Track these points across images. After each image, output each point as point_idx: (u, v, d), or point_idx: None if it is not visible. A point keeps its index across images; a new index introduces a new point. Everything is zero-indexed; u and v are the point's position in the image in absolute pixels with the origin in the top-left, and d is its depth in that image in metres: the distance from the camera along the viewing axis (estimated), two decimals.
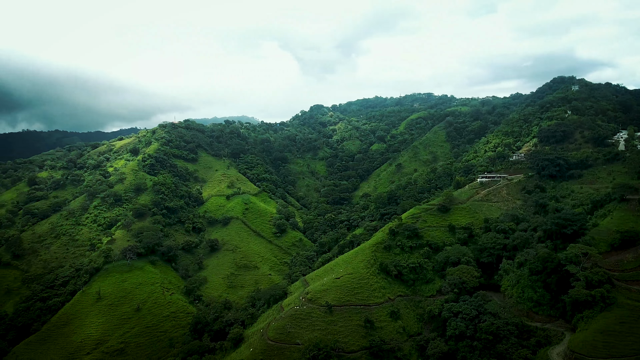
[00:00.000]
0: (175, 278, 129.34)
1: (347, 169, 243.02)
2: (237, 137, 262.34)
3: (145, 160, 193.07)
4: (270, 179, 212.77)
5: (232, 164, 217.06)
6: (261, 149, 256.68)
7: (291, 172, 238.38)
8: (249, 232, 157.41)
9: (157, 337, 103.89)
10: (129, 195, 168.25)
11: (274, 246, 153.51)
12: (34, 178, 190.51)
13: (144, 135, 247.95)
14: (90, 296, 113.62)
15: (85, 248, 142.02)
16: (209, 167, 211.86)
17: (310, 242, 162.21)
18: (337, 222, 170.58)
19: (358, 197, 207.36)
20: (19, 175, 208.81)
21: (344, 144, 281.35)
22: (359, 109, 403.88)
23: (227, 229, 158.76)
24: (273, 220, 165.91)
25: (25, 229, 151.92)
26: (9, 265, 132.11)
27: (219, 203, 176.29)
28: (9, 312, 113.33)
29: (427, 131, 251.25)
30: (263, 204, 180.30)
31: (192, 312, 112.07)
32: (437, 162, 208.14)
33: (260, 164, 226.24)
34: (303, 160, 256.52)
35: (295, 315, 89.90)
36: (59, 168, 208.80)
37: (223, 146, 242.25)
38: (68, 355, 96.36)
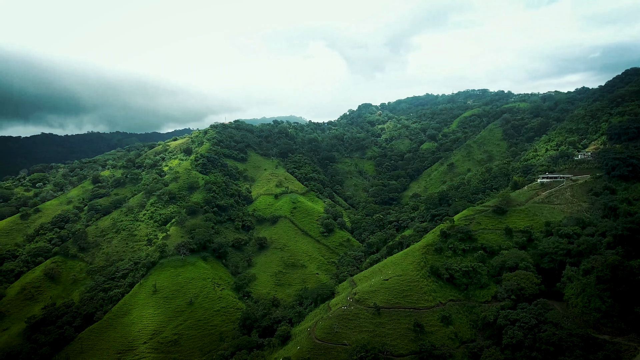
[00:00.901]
0: (225, 274, 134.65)
1: (396, 169, 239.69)
2: (285, 136, 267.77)
3: (197, 160, 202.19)
4: (318, 178, 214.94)
5: (281, 164, 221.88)
6: (309, 148, 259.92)
7: (339, 172, 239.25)
8: (296, 231, 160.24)
9: (208, 331, 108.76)
10: (182, 193, 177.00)
11: (321, 245, 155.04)
12: (98, 176, 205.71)
13: (196, 135, 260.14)
14: (147, 289, 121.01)
15: (142, 243, 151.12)
16: (257, 166, 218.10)
17: (358, 243, 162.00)
18: (385, 223, 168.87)
19: (407, 197, 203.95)
20: (85, 173, 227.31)
21: (393, 143, 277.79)
22: (409, 107, 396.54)
23: (275, 227, 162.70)
24: (320, 220, 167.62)
25: (89, 224, 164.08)
26: (76, 257, 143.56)
27: (267, 202, 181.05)
28: (75, 301, 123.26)
29: (481, 129, 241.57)
30: (311, 203, 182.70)
31: (241, 308, 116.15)
32: (492, 161, 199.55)
33: (308, 163, 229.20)
34: (351, 160, 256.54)
35: (343, 315, 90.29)
36: (120, 167, 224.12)
37: (271, 146, 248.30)
38: (127, 343, 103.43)
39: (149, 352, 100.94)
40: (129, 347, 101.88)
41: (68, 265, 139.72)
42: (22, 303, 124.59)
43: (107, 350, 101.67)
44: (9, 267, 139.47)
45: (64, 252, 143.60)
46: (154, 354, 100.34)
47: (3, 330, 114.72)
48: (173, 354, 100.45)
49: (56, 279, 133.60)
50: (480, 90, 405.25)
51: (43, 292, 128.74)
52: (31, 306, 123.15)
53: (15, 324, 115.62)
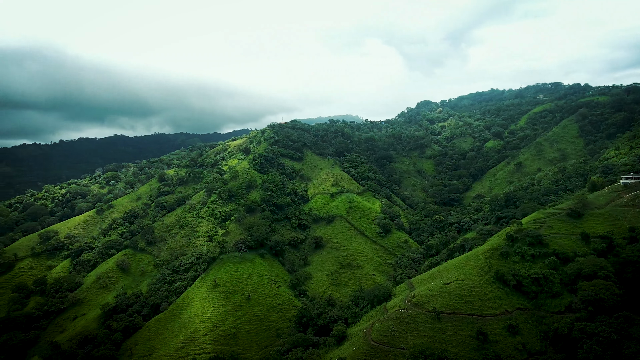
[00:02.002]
0: (282, 271, 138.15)
1: (458, 168, 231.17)
2: (341, 136, 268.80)
3: (255, 159, 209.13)
4: (375, 177, 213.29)
5: (337, 163, 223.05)
6: (365, 147, 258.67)
7: (396, 171, 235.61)
8: (352, 230, 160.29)
9: (265, 326, 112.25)
10: (241, 191, 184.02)
11: (378, 246, 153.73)
12: (163, 175, 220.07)
13: (254, 135, 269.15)
14: (208, 283, 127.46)
15: (204, 239, 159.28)
16: (314, 165, 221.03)
17: (417, 244, 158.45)
18: (445, 224, 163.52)
19: (470, 198, 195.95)
20: (152, 172, 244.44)
21: (454, 141, 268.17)
22: (471, 103, 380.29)
23: (331, 226, 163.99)
24: (377, 220, 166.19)
25: (156, 219, 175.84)
26: (144, 251, 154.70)
27: (323, 201, 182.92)
28: (143, 291, 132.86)
29: (553, 125, 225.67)
30: (367, 203, 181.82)
31: (297, 306, 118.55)
32: (566, 160, 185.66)
33: (365, 162, 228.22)
34: (409, 159, 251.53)
35: (400, 318, 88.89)
36: (183, 166, 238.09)
37: (327, 145, 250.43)
38: (189, 334, 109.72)
39: (210, 343, 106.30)
40: (191, 338, 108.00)
41: (137, 258, 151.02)
42: (97, 291, 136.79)
43: (171, 339, 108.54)
44: (87, 258, 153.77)
45: (134, 246, 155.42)
46: (214, 345, 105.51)
47: (82, 315, 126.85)
48: (232, 347, 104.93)
49: (127, 270, 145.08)
50: (553, 83, 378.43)
51: (115, 282, 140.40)
52: (105, 294, 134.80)
53: (92, 310, 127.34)
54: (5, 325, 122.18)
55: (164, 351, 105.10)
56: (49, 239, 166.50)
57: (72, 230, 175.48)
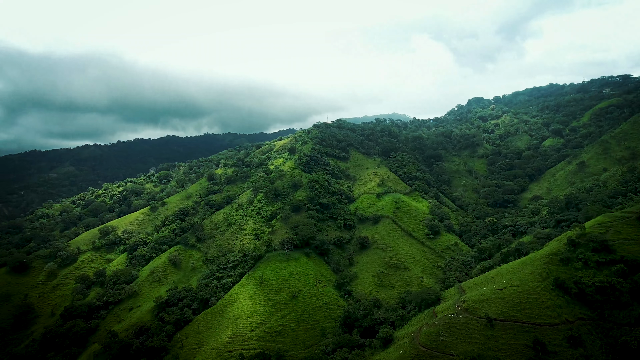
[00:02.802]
0: (327, 271, 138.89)
1: (513, 168, 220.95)
2: (387, 135, 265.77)
3: (301, 159, 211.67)
4: (423, 177, 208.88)
5: (383, 162, 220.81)
6: (413, 146, 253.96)
7: (445, 171, 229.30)
8: (399, 231, 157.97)
9: (311, 325, 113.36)
10: (287, 191, 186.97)
11: (426, 248, 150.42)
12: (212, 174, 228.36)
13: (299, 135, 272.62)
14: (254, 280, 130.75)
15: (251, 237, 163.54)
16: (359, 165, 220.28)
17: (467, 247, 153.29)
18: (499, 227, 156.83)
19: (526, 199, 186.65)
20: (201, 171, 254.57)
21: (509, 139, 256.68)
22: (528, 99, 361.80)
23: (377, 227, 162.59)
24: (425, 221, 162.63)
25: (205, 217, 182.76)
26: (194, 247, 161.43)
27: (369, 201, 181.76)
28: (193, 286, 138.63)
29: (622, 122, 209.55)
30: (415, 204, 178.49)
31: (343, 306, 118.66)
32: (636, 160, 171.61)
33: (412, 162, 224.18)
34: (459, 158, 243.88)
35: (450, 323, 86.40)
36: (231, 166, 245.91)
37: (373, 144, 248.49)
38: (237, 329, 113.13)
39: (256, 339, 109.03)
40: (238, 333, 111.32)
41: (188, 254, 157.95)
42: (151, 284, 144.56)
43: (219, 334, 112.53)
44: (141, 253, 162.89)
45: (184, 242, 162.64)
46: (261, 342, 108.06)
47: (137, 306, 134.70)
48: (277, 344, 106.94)
49: (178, 265, 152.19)
50: (621, 76, 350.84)
51: (167, 276, 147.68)
52: (158, 288, 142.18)
53: (146, 302, 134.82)
54: (69, 313, 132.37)
55: (212, 345, 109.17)
56: (108, 234, 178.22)
57: (128, 226, 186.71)
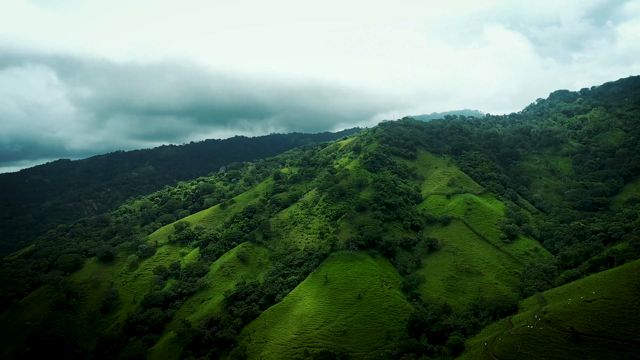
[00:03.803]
0: (393, 273, 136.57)
1: (603, 167, 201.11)
2: (458, 132, 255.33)
3: (366, 158, 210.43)
4: (498, 177, 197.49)
5: (453, 161, 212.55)
6: (486, 144, 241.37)
7: (524, 170, 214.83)
8: (471, 234, 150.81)
9: (376, 327, 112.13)
10: (352, 190, 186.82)
11: (501, 253, 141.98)
12: (278, 173, 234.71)
13: (365, 134, 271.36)
14: (319, 279, 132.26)
15: (315, 235, 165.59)
16: (427, 164, 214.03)
17: (549, 253, 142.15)
18: (587, 232, 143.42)
19: (620, 202, 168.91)
20: (268, 171, 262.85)
21: (599, 136, 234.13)
22: (623, 90, 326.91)
23: (447, 229, 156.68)
24: (501, 224, 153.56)
25: (272, 215, 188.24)
26: (261, 244, 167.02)
27: (438, 202, 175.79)
28: (260, 282, 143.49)
29: None
30: (489, 205, 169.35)
31: (410, 310, 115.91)
32: None
33: (486, 161, 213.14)
34: (540, 157, 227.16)
35: (529, 335, 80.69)
36: (296, 165, 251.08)
37: (443, 143, 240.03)
38: (302, 326, 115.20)
39: (321, 338, 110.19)
40: (303, 330, 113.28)
41: (255, 251, 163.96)
42: (221, 279, 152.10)
43: (285, 330, 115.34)
44: (212, 248, 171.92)
45: (252, 239, 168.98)
46: (325, 340, 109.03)
47: (208, 299, 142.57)
48: (342, 344, 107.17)
49: (246, 261, 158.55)
50: None
51: (236, 271, 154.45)
52: (227, 282, 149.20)
53: (216, 295, 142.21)
54: (148, 302, 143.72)
55: (278, 340, 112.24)
56: (182, 229, 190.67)
57: (200, 223, 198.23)
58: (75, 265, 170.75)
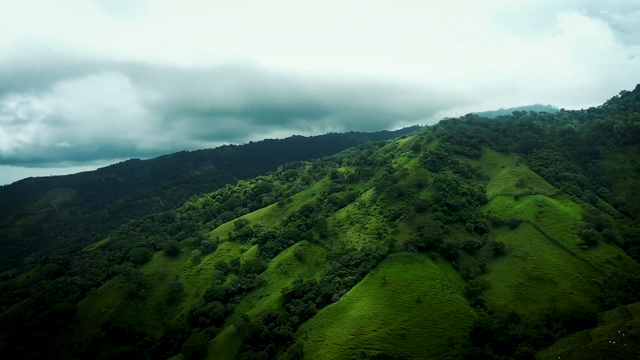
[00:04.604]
0: (454, 277, 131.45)
1: None
2: (528, 129, 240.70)
3: (426, 157, 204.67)
4: (574, 178, 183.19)
5: (522, 160, 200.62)
6: (561, 142, 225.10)
7: (604, 170, 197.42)
8: (543, 239, 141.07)
9: (436, 333, 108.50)
10: (410, 190, 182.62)
11: (577, 260, 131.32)
12: (335, 173, 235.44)
13: (424, 132, 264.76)
14: (376, 280, 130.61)
15: (373, 236, 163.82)
16: (493, 163, 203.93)
17: (636, 262, 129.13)
18: None
19: None
20: (325, 170, 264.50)
21: None
22: None
23: (514, 232, 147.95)
24: (577, 229, 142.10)
25: (328, 214, 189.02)
26: (318, 243, 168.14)
27: (505, 203, 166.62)
28: (317, 281, 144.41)
29: None
30: (563, 207, 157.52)
31: (473, 317, 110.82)
32: None
33: (560, 159, 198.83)
34: (624, 155, 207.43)
35: (610, 352, 74.07)
36: (353, 164, 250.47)
37: (510, 140, 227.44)
38: (358, 327, 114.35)
39: (378, 340, 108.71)
40: (360, 332, 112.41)
41: (312, 249, 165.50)
42: (278, 276, 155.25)
43: (341, 330, 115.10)
44: (270, 246, 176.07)
45: (309, 238, 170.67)
46: (383, 343, 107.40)
47: (266, 295, 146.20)
48: (400, 348, 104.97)
49: (303, 259, 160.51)
50: None
51: (293, 269, 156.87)
52: (284, 279, 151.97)
53: (274, 292, 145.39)
54: (210, 295, 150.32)
55: (334, 340, 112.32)
56: (242, 227, 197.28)
57: (258, 221, 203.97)
58: (145, 258, 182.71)
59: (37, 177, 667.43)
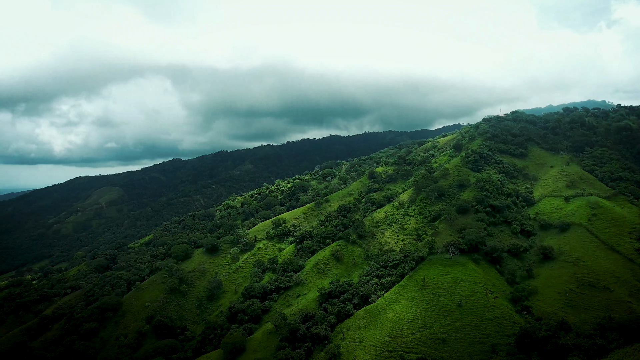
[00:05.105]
0: (498, 281, 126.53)
1: None
2: (579, 126, 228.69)
3: (468, 156, 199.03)
4: (632, 178, 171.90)
5: (573, 160, 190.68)
6: (617, 140, 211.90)
7: None
8: (597, 243, 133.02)
9: (478, 339, 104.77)
10: (451, 190, 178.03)
11: (636, 266, 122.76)
12: (373, 172, 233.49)
13: (466, 130, 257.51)
14: (415, 282, 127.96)
15: (412, 237, 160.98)
16: (541, 163, 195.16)
17: None
18: None
19: None
20: (362, 169, 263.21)
21: None
22: None
23: (565, 236, 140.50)
24: (636, 233, 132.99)
25: (366, 215, 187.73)
26: (355, 243, 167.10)
27: (554, 205, 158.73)
28: (354, 281, 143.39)
29: None
30: (619, 210, 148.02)
31: (519, 323, 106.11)
32: None
33: (616, 159, 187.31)
34: None
35: None
36: (392, 164, 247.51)
37: (560, 139, 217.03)
38: (397, 330, 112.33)
39: (417, 344, 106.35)
40: (398, 334, 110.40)
41: (349, 250, 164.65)
42: (315, 275, 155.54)
43: (379, 332, 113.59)
44: (307, 245, 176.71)
45: (346, 238, 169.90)
46: (422, 347, 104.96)
47: (303, 294, 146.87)
48: (440, 352, 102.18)
49: (340, 259, 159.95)
50: None
51: (330, 269, 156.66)
52: (321, 279, 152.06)
53: (311, 291, 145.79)
54: (248, 293, 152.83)
55: (372, 341, 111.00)
56: (279, 226, 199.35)
57: (296, 220, 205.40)
58: (186, 255, 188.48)
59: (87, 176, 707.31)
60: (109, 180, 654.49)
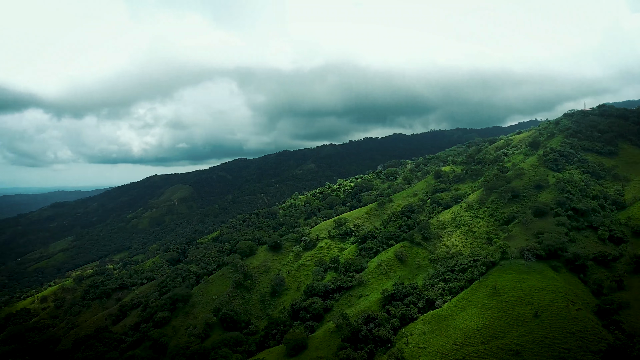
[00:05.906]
0: (582, 292, 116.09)
1: None
2: None
3: (546, 155, 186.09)
4: None
5: None
6: None
7: None
8: None
9: (558, 353, 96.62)
10: (527, 191, 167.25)
11: None
12: (439, 172, 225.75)
13: (544, 127, 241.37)
14: (486, 288, 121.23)
15: (482, 240, 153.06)
16: (634, 162, 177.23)
17: None
18: None
19: None
20: (428, 169, 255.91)
21: None
22: None
23: None
24: None
25: (432, 216, 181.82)
26: (420, 245, 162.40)
27: None
28: (419, 284, 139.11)
29: None
30: None
31: (607, 339, 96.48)
32: None
33: None
34: None
35: None
36: (459, 163, 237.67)
37: None
38: (465, 337, 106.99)
39: (487, 354, 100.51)
40: (467, 342, 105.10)
41: (413, 251, 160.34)
42: (378, 277, 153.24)
43: (445, 338, 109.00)
44: (370, 245, 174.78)
45: (410, 239, 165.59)
46: (492, 357, 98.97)
47: (365, 295, 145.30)
48: None
49: (404, 261, 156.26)
50: None
51: (393, 270, 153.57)
52: (384, 281, 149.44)
53: (373, 292, 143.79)
54: (310, 291, 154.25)
55: (437, 348, 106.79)
56: (341, 225, 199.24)
57: (358, 220, 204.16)
58: (250, 251, 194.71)
59: (161, 175, 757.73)
60: (180, 179, 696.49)
